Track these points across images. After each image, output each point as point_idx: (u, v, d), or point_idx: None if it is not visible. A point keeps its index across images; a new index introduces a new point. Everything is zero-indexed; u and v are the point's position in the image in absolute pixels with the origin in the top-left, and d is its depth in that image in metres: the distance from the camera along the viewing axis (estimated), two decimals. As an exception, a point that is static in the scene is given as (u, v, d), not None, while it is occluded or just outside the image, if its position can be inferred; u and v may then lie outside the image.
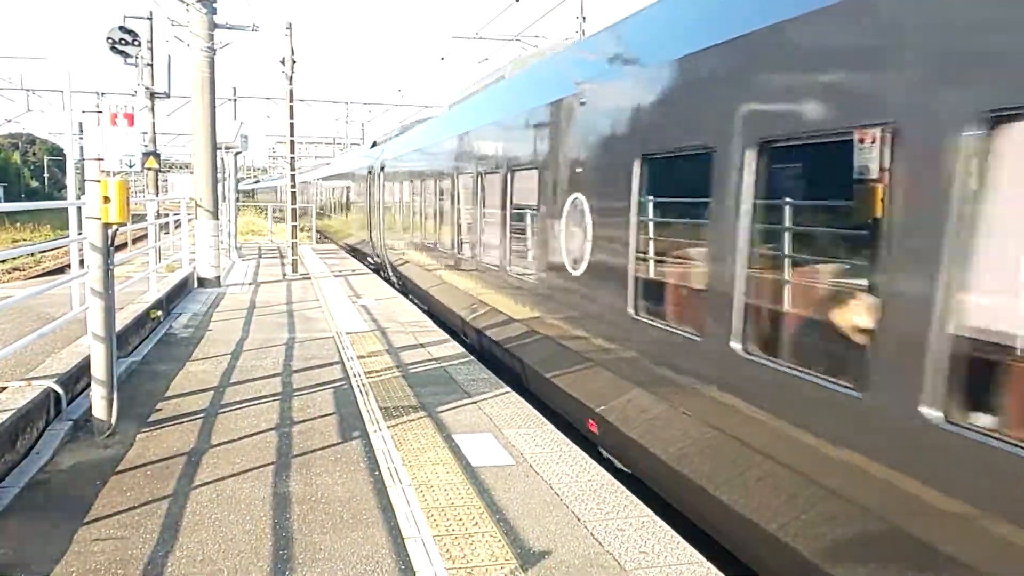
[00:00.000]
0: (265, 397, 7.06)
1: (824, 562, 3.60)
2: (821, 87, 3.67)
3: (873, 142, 3.30)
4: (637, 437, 5.44)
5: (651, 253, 5.50)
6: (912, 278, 3.07)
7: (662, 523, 4.51)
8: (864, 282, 3.48)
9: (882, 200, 3.24)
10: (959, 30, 2.93)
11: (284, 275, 17.64)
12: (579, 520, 4.52)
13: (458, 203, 11.21)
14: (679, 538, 4.33)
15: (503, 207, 8.77)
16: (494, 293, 9.12)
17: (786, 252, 4.11)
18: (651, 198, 5.43)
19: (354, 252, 24.90)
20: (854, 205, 3.55)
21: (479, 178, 9.88)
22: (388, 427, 6.20)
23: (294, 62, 17.71)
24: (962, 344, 2.90)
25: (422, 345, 9.52)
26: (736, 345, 4.20)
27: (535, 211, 7.71)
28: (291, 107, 17.93)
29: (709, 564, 4.04)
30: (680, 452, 4.87)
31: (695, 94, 4.81)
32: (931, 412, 2.97)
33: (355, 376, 7.88)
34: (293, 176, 18.89)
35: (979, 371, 2.90)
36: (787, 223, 4.10)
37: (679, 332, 4.87)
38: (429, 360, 8.69)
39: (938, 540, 2.96)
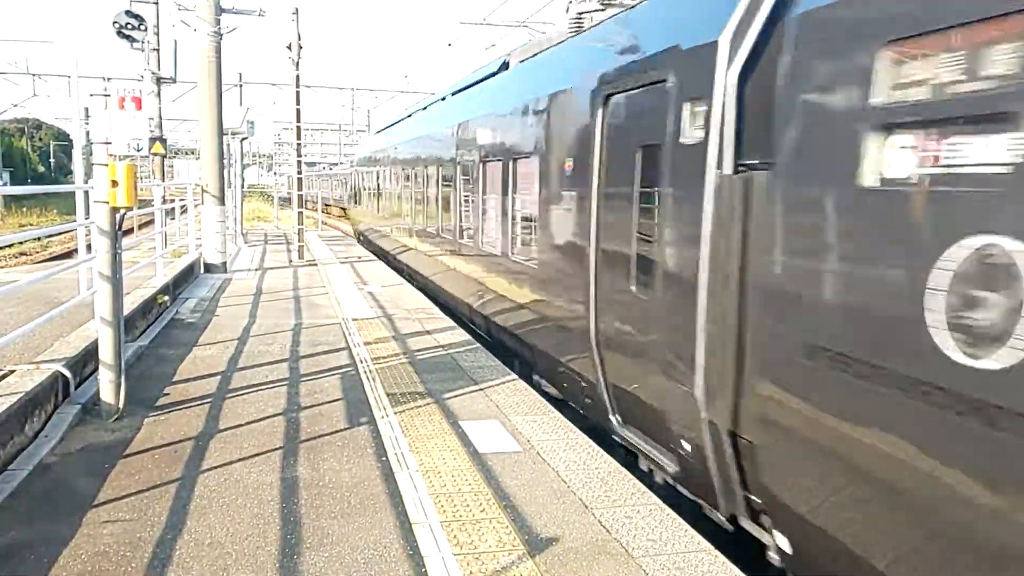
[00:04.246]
0: (272, 382, 7.07)
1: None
2: None
3: None
4: None
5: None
6: None
7: (670, 511, 4.51)
8: None
9: None
10: None
11: (290, 261, 17.64)
12: (586, 507, 4.52)
13: None
14: (687, 526, 4.33)
15: None
16: None
17: None
18: None
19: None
20: None
21: None
22: (395, 413, 6.20)
23: (300, 48, 17.64)
24: None
25: (428, 332, 9.52)
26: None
27: None
28: (297, 93, 17.88)
29: (716, 552, 4.04)
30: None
31: None
32: None
33: (362, 362, 7.89)
34: (299, 161, 18.85)
35: None
36: None
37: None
38: (435, 347, 8.69)
39: None
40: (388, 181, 18.73)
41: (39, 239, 28.21)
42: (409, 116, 18.17)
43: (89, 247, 7.72)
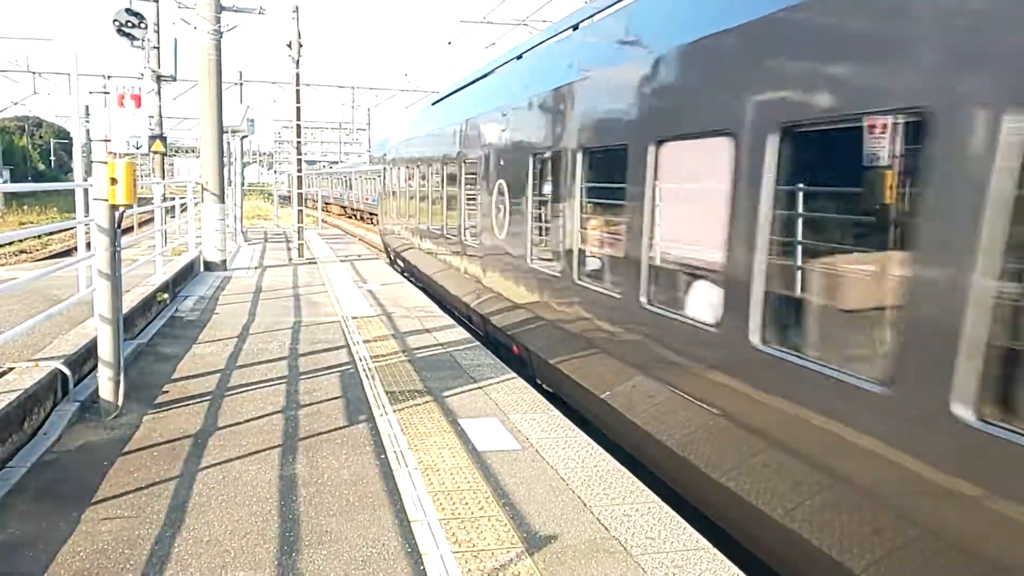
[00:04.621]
0: (271, 380, 7.06)
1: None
2: None
3: None
4: None
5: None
6: None
7: (668, 509, 4.51)
8: None
9: None
10: None
11: (290, 259, 17.64)
12: (585, 505, 4.52)
13: None
14: (685, 524, 4.33)
15: None
16: None
17: None
18: None
19: None
20: None
21: None
22: (394, 411, 6.20)
23: (300, 46, 17.63)
24: None
25: (427, 330, 9.52)
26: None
27: None
28: (297, 91, 17.88)
29: (715, 550, 4.04)
30: None
31: None
32: None
33: (361, 360, 7.89)
34: (300, 160, 18.86)
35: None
36: None
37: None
38: (434, 345, 8.68)
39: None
40: (491, 179, 9.50)
41: (39, 237, 28.22)
42: (519, 59, 9.54)
43: (89, 245, 7.72)
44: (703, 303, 4.78)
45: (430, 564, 3.80)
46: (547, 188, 7.82)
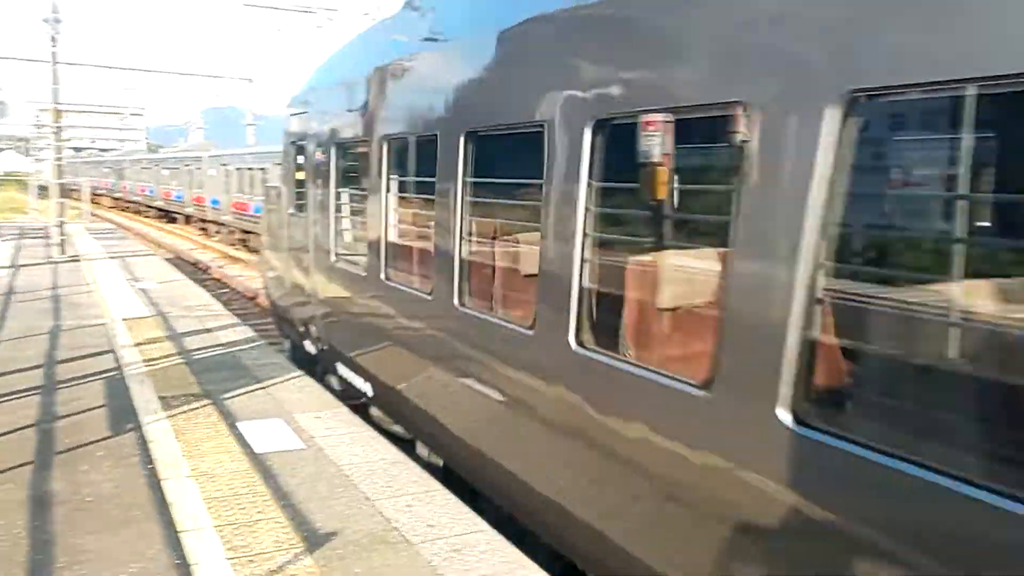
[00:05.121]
0: (24, 391, 6.41)
1: None
2: None
3: None
4: None
5: None
6: None
7: (450, 495, 4.63)
8: None
9: None
10: None
11: (50, 257, 16.01)
12: (368, 499, 4.53)
13: None
14: (465, 508, 4.47)
15: None
16: None
17: None
18: None
19: None
20: None
21: None
22: (167, 417, 5.85)
23: (58, 21, 16.08)
24: None
25: (208, 330, 9.05)
26: None
27: None
28: (54, 71, 16.29)
29: (493, 531, 4.21)
30: None
31: None
32: None
33: (130, 365, 7.34)
34: (59, 146, 17.17)
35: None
36: None
37: None
38: (216, 345, 8.28)
39: None
40: None
41: None
42: None
43: None
44: None
45: (201, 574, 3.65)
46: None
